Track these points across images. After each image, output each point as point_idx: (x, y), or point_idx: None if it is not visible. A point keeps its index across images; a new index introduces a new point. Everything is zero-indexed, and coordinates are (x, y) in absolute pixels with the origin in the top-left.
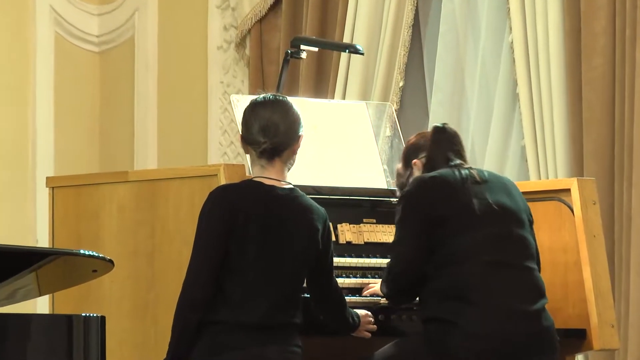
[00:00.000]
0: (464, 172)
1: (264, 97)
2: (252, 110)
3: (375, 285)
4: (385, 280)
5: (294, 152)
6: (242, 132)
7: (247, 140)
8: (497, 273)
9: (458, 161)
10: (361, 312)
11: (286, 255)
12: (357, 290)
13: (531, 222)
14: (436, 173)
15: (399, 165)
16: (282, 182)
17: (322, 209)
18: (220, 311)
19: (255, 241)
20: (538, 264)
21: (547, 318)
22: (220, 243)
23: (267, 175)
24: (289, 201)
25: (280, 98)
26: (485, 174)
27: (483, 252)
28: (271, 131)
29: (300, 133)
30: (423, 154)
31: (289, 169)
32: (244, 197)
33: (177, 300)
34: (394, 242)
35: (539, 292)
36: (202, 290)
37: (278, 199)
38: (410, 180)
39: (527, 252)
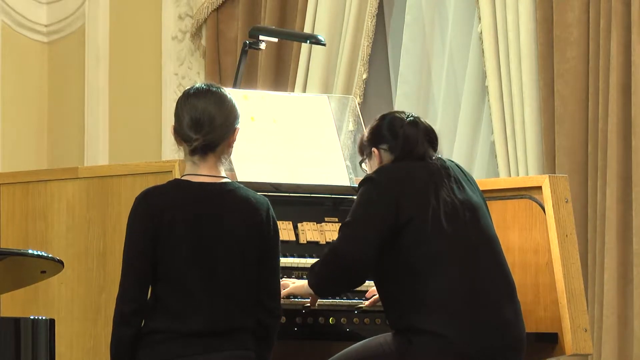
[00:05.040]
0: (432, 167)
1: (197, 87)
2: (184, 102)
3: (290, 286)
4: (321, 262)
5: (230, 146)
6: (174, 124)
7: (179, 134)
8: (472, 281)
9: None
10: None
11: (223, 256)
12: None
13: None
14: (404, 166)
15: (362, 138)
16: (215, 177)
17: (262, 199)
18: (159, 320)
19: (186, 244)
20: None
21: (523, 326)
22: (143, 253)
23: (198, 172)
24: (221, 196)
25: (214, 89)
26: (446, 162)
27: (456, 259)
28: (205, 126)
29: (236, 125)
30: (385, 145)
31: (223, 163)
32: (168, 199)
33: None
34: (349, 223)
35: (513, 294)
36: (131, 302)
37: (208, 196)
38: (372, 166)
39: (498, 251)
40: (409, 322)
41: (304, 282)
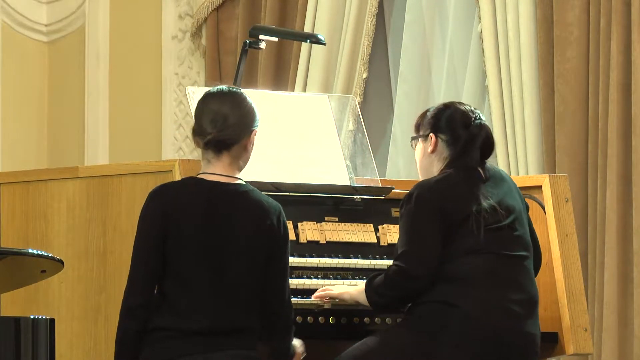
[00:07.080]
0: (472, 172)
1: (217, 89)
2: (203, 102)
3: (332, 288)
4: (387, 283)
5: (246, 149)
6: (193, 125)
7: (197, 132)
8: (502, 264)
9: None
10: (296, 341)
11: (231, 257)
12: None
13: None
14: (443, 178)
15: (425, 116)
16: (229, 178)
17: (274, 204)
18: (164, 317)
19: (195, 243)
20: (538, 260)
21: (538, 327)
22: (154, 248)
23: (212, 171)
24: (234, 197)
25: (235, 90)
26: (489, 168)
27: (489, 247)
28: (219, 123)
29: (253, 128)
30: (445, 137)
31: (240, 167)
32: (181, 196)
33: None
34: (405, 243)
35: (535, 296)
36: (138, 297)
37: (221, 196)
38: (423, 148)
39: (529, 254)
40: (428, 295)
41: (351, 290)
